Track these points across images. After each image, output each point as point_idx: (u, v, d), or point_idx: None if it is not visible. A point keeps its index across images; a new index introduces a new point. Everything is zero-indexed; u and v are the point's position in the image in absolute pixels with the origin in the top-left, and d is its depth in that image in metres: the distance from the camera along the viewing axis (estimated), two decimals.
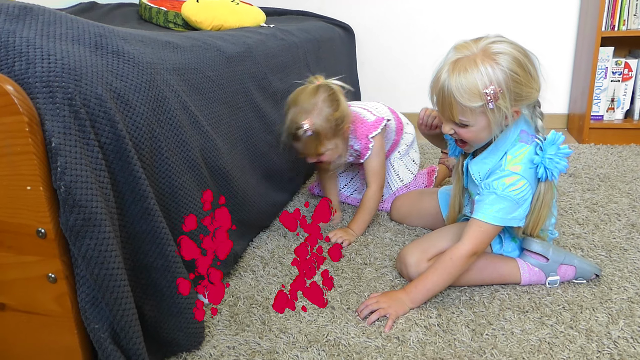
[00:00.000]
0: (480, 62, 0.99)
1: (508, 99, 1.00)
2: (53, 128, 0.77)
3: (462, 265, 1.11)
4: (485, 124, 1.04)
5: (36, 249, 0.80)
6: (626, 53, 2.43)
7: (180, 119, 1.03)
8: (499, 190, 1.08)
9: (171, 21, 2.17)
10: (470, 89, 0.99)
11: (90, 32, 0.96)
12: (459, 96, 1.00)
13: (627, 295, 1.15)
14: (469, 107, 1.01)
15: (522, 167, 1.08)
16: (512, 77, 1.00)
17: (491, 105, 0.99)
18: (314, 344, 1.04)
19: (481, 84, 0.99)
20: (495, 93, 0.99)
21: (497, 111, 1.01)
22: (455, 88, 1.00)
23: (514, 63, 1.00)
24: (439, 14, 2.65)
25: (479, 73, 0.99)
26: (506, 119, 1.04)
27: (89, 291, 0.80)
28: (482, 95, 0.99)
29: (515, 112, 1.05)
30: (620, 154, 2.13)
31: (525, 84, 1.02)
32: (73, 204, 0.76)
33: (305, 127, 1.36)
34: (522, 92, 1.02)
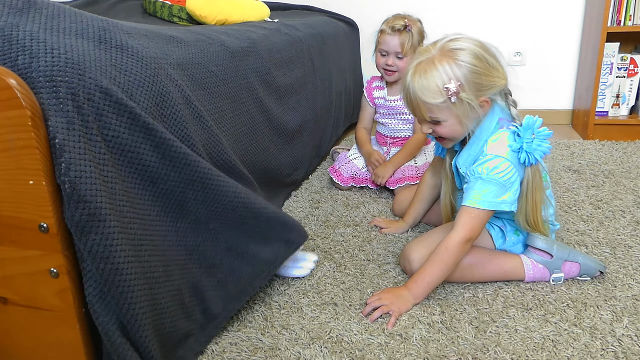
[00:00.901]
0: (438, 61, 1.06)
1: (470, 91, 1.06)
2: (56, 123, 0.76)
3: (457, 253, 1.10)
4: (457, 118, 1.09)
5: (38, 244, 0.80)
6: (632, 49, 2.41)
7: (183, 114, 1.02)
8: (484, 174, 1.09)
9: (175, 15, 2.16)
10: (431, 87, 1.06)
11: (94, 26, 0.95)
12: (423, 95, 1.07)
13: (632, 292, 1.14)
14: (434, 104, 1.07)
15: (503, 150, 1.09)
16: (471, 70, 1.06)
17: (453, 99, 1.05)
18: (316, 341, 1.03)
19: (441, 81, 1.05)
20: (456, 87, 1.04)
21: (461, 104, 1.06)
22: (418, 89, 1.07)
23: (471, 56, 1.06)
24: (443, 9, 2.63)
25: (438, 71, 1.06)
26: (478, 109, 1.08)
27: (96, 285, 0.80)
28: (443, 91, 1.05)
29: (484, 102, 1.09)
30: (625, 150, 2.11)
31: (486, 74, 1.07)
32: (78, 199, 0.76)
33: (408, 23, 1.73)
34: (484, 82, 1.07)
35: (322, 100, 2.02)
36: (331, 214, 1.62)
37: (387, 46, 1.77)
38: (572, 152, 2.12)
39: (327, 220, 1.57)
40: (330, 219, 1.58)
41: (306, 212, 1.64)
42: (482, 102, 1.09)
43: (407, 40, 1.74)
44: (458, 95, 1.05)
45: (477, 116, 1.10)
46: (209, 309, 1.02)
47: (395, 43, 1.75)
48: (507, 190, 1.09)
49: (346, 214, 1.62)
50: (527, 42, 2.58)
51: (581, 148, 2.16)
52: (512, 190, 1.09)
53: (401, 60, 1.77)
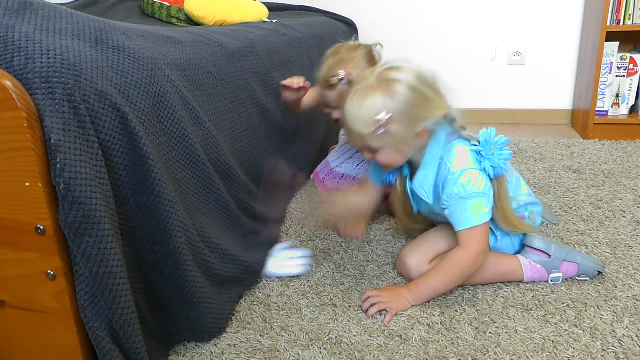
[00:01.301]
0: (372, 91, 1.05)
1: (403, 122, 1.04)
2: (52, 124, 0.76)
3: (468, 268, 1.10)
4: (392, 147, 1.08)
5: (35, 246, 0.79)
6: (631, 48, 2.41)
7: (181, 115, 1.02)
8: (463, 192, 1.06)
9: (174, 16, 2.16)
10: (363, 117, 1.05)
11: (91, 27, 0.95)
12: (354, 124, 1.06)
13: (632, 292, 1.14)
14: (365, 134, 1.06)
15: (468, 160, 1.08)
16: (405, 102, 1.04)
17: (381, 130, 1.04)
18: (315, 342, 1.03)
19: (372, 112, 1.03)
20: (385, 119, 1.03)
21: (392, 135, 1.05)
22: (351, 117, 1.06)
23: (406, 88, 1.04)
24: (442, 9, 2.63)
25: (371, 101, 1.04)
26: (416, 139, 1.07)
27: (88, 289, 0.79)
28: (374, 122, 1.03)
29: (422, 132, 1.07)
30: (625, 149, 2.11)
31: (421, 106, 1.05)
32: (72, 200, 0.75)
33: (341, 75, 1.40)
34: (418, 114, 1.06)
35: None
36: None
37: (326, 100, 1.50)
38: (571, 151, 2.11)
39: (326, 221, 1.57)
40: (330, 219, 1.58)
41: (305, 212, 1.63)
42: (419, 132, 1.07)
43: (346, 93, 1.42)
44: (387, 127, 1.03)
45: (413, 145, 1.09)
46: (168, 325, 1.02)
47: (334, 98, 1.47)
48: (488, 197, 1.08)
49: None
50: (526, 42, 2.58)
51: (581, 147, 2.16)
52: (491, 196, 1.09)
53: None
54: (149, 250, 0.93)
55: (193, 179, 1.06)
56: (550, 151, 2.13)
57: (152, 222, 0.91)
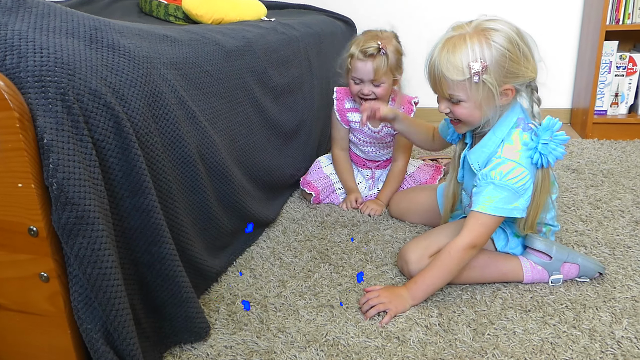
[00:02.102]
0: (469, 38, 1.02)
1: (495, 75, 1.02)
2: (45, 124, 0.75)
3: (460, 259, 1.08)
4: (477, 101, 1.05)
5: (28, 248, 0.78)
6: (631, 47, 2.40)
7: (176, 114, 1.01)
8: (497, 179, 1.05)
9: (172, 14, 2.15)
10: (456, 64, 1.02)
11: (85, 25, 0.94)
12: (446, 70, 1.03)
13: (631, 293, 1.13)
14: (456, 81, 1.03)
15: (519, 155, 1.06)
16: (501, 53, 1.01)
17: (476, 78, 1.01)
18: (312, 344, 1.02)
19: (467, 59, 1.01)
20: (481, 68, 1.01)
21: (483, 86, 1.02)
22: (444, 62, 1.03)
23: (505, 40, 1.02)
24: (441, 7, 2.62)
25: (467, 48, 1.01)
26: (500, 97, 1.05)
27: (82, 290, 0.78)
28: (468, 70, 1.01)
29: (508, 91, 1.05)
30: (624, 149, 2.10)
31: (516, 62, 1.03)
32: (65, 201, 0.74)
33: (382, 45, 1.49)
34: (512, 70, 1.03)
35: (320, 99, 2.00)
36: (328, 214, 1.61)
37: (359, 73, 1.54)
38: (570, 151, 2.11)
39: (323, 222, 1.56)
40: (327, 220, 1.57)
41: (303, 212, 1.62)
42: (506, 90, 1.05)
43: (382, 64, 1.51)
44: (481, 77, 1.01)
45: (496, 105, 1.06)
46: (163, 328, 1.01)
47: (368, 70, 1.52)
48: (519, 196, 1.06)
49: (343, 214, 1.61)
50: None
51: (580, 147, 2.15)
52: (525, 196, 1.07)
53: (378, 88, 1.55)
54: (145, 252, 0.92)
55: (182, 179, 1.06)
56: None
57: (148, 223, 0.90)
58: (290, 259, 1.35)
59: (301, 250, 1.38)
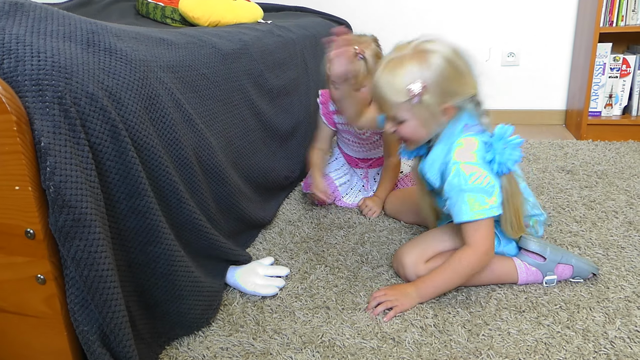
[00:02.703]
0: (408, 60, 1.05)
1: (434, 95, 1.04)
2: (42, 127, 0.75)
3: (475, 269, 1.11)
4: (419, 120, 1.08)
5: (25, 250, 0.79)
6: (624, 49, 2.42)
7: (173, 117, 1.02)
8: (463, 184, 1.07)
9: (168, 17, 2.15)
10: (396, 86, 1.05)
11: (82, 29, 0.94)
12: (387, 92, 1.06)
13: (624, 294, 1.14)
14: (397, 103, 1.06)
15: (475, 156, 1.07)
16: (439, 74, 1.04)
17: (416, 100, 1.04)
18: (308, 345, 1.03)
19: (406, 81, 1.04)
20: (419, 89, 1.03)
21: (423, 107, 1.05)
22: (384, 85, 1.06)
23: (443, 60, 1.04)
24: (437, 10, 2.63)
25: (406, 70, 1.04)
26: (441, 115, 1.07)
27: (78, 293, 0.79)
28: (407, 91, 1.04)
29: (449, 109, 1.07)
30: (618, 150, 2.12)
31: (454, 80, 1.06)
32: (62, 204, 0.75)
33: (359, 50, 1.46)
34: (450, 88, 1.06)
35: (316, 101, 2.01)
36: (324, 216, 1.61)
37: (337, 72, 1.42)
38: (565, 152, 2.12)
39: (320, 223, 1.56)
40: (324, 221, 1.58)
41: (299, 214, 1.63)
42: (447, 108, 1.07)
43: (361, 69, 1.48)
44: (421, 98, 1.04)
45: (439, 121, 1.09)
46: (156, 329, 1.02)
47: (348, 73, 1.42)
48: (490, 194, 1.07)
49: (339, 216, 1.61)
50: (520, 43, 2.59)
51: (574, 148, 2.16)
52: (496, 193, 1.08)
53: (359, 92, 1.51)
54: (141, 252, 0.92)
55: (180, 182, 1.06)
56: (544, 152, 2.14)
57: (144, 224, 0.91)
58: (287, 260, 1.35)
59: (297, 252, 1.39)
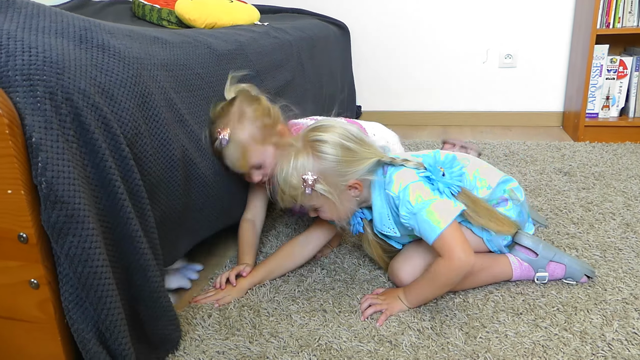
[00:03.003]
0: (298, 154, 1.07)
1: (332, 180, 1.07)
2: (34, 122, 0.74)
3: (456, 277, 1.06)
4: (330, 203, 1.09)
5: (18, 254, 0.78)
6: (621, 51, 2.42)
7: (165, 116, 1.01)
8: (413, 208, 1.05)
9: (165, 19, 2.15)
10: (291, 180, 1.07)
11: (75, 26, 0.94)
12: (286, 188, 1.09)
13: (622, 296, 1.14)
14: (298, 195, 1.08)
15: (406, 177, 1.08)
16: (332, 160, 1.06)
17: (308, 190, 1.07)
18: (305, 349, 1.02)
19: (299, 174, 1.06)
20: (312, 179, 1.06)
21: (323, 194, 1.07)
22: (282, 182, 1.09)
23: (333, 147, 1.06)
24: (435, 12, 2.63)
25: (297, 164, 1.07)
26: (350, 192, 1.10)
27: (73, 290, 0.78)
28: (302, 183, 1.07)
29: (356, 184, 1.09)
30: (615, 152, 2.12)
31: (349, 162, 1.07)
32: (55, 200, 0.74)
33: (221, 136, 1.19)
34: (348, 169, 1.08)
35: (313, 103, 2.01)
36: None
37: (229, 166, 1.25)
38: (562, 154, 2.12)
39: None
40: None
41: (296, 216, 1.62)
42: (352, 184, 1.09)
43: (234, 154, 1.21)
44: (314, 187, 1.06)
45: (351, 197, 1.11)
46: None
47: (231, 163, 1.23)
48: (442, 200, 1.06)
49: None
50: (518, 45, 2.59)
51: (572, 150, 2.16)
52: (447, 197, 1.07)
53: (261, 169, 1.26)
54: None
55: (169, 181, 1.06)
56: (541, 154, 2.14)
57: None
58: None
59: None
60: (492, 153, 2.16)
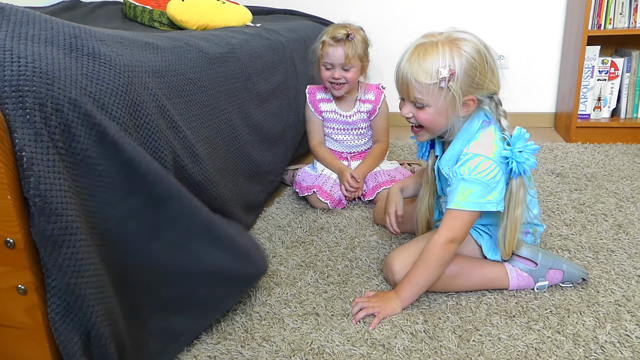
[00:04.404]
0: (440, 45, 1.04)
1: (460, 83, 1.04)
2: (24, 135, 0.73)
3: (441, 255, 1.08)
4: (442, 107, 1.07)
5: (5, 260, 0.76)
6: (612, 52, 2.43)
7: (158, 124, 1.00)
8: (466, 175, 1.07)
9: (156, 20, 2.14)
10: (426, 67, 1.04)
11: (65, 33, 0.92)
12: (415, 72, 1.05)
13: (614, 298, 1.14)
14: (423, 84, 1.05)
15: (486, 149, 1.07)
16: (469, 63, 1.04)
17: (443, 84, 1.03)
18: (297, 353, 1.01)
19: (436, 64, 1.03)
20: (449, 74, 1.03)
21: (447, 93, 1.05)
22: (414, 65, 1.05)
23: (474, 51, 1.04)
24: (428, 13, 2.63)
25: (437, 54, 1.04)
26: (463, 107, 1.07)
27: (60, 302, 0.77)
28: (436, 74, 1.03)
29: (470, 101, 1.07)
30: (607, 153, 2.13)
31: (482, 73, 1.05)
32: (50, 212, 0.73)
33: (350, 32, 1.64)
34: (477, 80, 1.06)
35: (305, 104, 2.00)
36: (314, 221, 1.60)
37: (330, 58, 1.66)
38: (555, 155, 2.13)
39: (310, 227, 1.55)
40: (314, 226, 1.57)
41: (289, 219, 1.62)
42: (468, 100, 1.07)
43: (350, 49, 1.64)
44: (447, 83, 1.03)
45: (459, 114, 1.08)
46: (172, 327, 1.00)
47: (339, 54, 1.65)
48: (492, 190, 1.06)
49: (328, 220, 1.60)
50: (510, 46, 2.59)
51: (564, 151, 2.17)
52: (498, 189, 1.07)
53: (348, 72, 1.68)
54: None
55: None
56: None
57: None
58: (276, 266, 1.34)
59: (286, 258, 1.38)
60: None
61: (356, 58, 1.67)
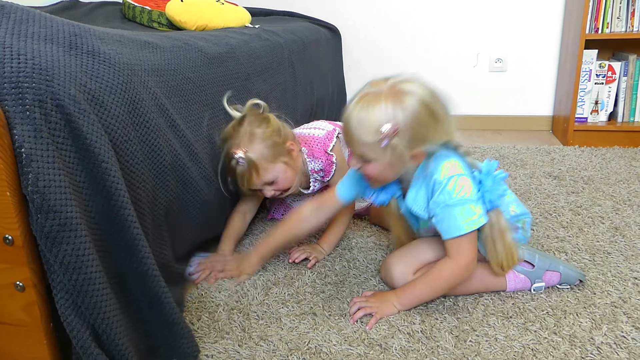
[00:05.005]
0: (384, 99, 0.98)
1: (405, 139, 0.99)
2: (23, 132, 0.74)
3: (456, 282, 1.09)
4: (388, 162, 1.02)
5: (3, 256, 0.77)
6: (610, 55, 2.45)
7: (156, 123, 1.00)
8: (449, 199, 1.03)
9: (155, 20, 2.14)
10: (367, 124, 0.98)
11: (65, 31, 0.93)
12: (357, 129, 0.99)
13: (611, 299, 1.14)
14: (365, 142, 1.00)
15: (455, 169, 1.04)
16: (413, 117, 0.98)
17: (385, 142, 0.98)
18: (294, 352, 1.01)
19: (379, 121, 0.97)
20: (392, 131, 0.97)
21: (392, 150, 0.99)
22: (355, 121, 1.00)
23: (418, 103, 0.98)
24: (426, 16, 2.64)
25: (380, 109, 0.97)
26: (411, 160, 1.02)
27: (68, 297, 0.77)
28: (377, 132, 0.98)
29: (418, 154, 1.02)
30: (604, 156, 2.14)
31: (427, 126, 1.00)
32: (48, 209, 0.73)
33: (237, 155, 1.26)
34: (422, 134, 1.00)
35: (303, 106, 2.01)
36: None
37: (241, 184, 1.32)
38: (552, 158, 2.13)
39: None
40: None
41: None
42: (417, 154, 1.02)
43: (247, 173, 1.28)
44: (391, 141, 0.98)
45: (407, 165, 1.04)
46: None
47: (245, 181, 1.30)
48: (476, 203, 1.05)
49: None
50: (508, 49, 2.61)
51: (561, 154, 2.18)
52: (479, 202, 1.06)
53: (274, 184, 1.35)
54: None
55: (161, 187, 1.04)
56: (531, 157, 2.15)
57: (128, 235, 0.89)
58: (273, 266, 1.34)
59: (284, 258, 1.38)
60: (482, 157, 2.17)
61: (268, 166, 1.31)
